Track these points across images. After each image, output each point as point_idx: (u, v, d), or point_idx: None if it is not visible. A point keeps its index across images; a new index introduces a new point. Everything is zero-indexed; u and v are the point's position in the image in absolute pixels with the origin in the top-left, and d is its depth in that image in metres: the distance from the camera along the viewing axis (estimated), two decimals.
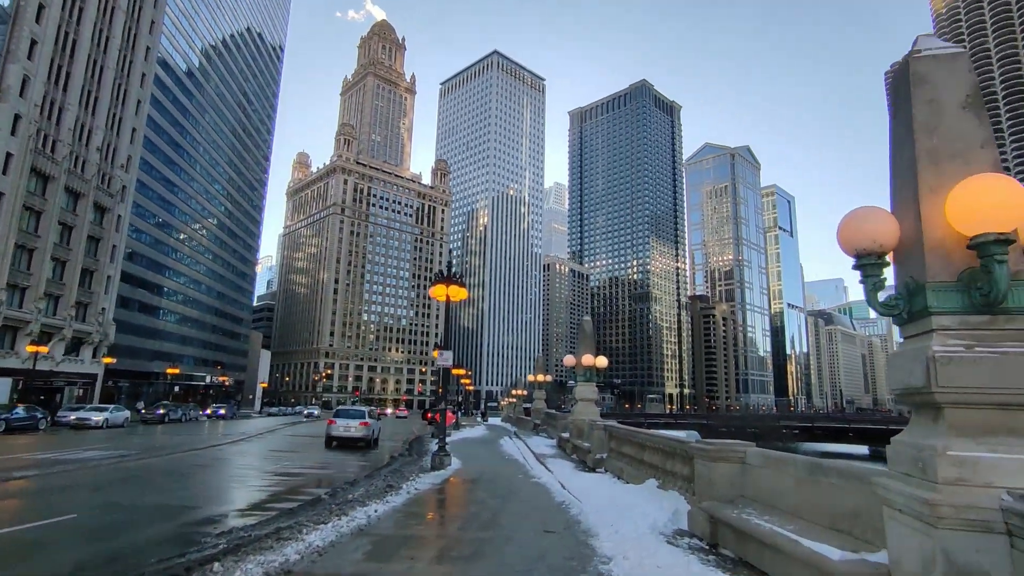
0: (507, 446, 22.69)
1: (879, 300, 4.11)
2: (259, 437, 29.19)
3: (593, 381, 18.21)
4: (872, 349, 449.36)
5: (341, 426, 23.43)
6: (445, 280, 15.01)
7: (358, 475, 14.25)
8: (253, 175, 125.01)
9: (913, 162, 4.02)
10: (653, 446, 10.40)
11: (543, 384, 33.43)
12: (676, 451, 9.01)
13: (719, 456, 6.88)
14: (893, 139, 4.51)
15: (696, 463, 7.39)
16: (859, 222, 4.10)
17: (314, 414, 71.23)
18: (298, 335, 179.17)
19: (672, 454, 9.26)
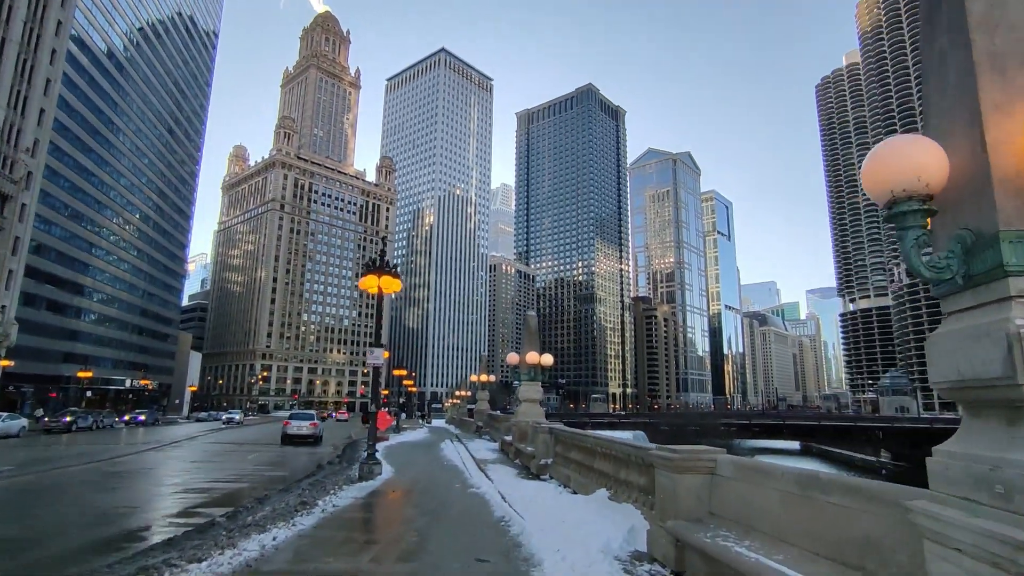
0: (447, 450, 21.23)
1: (923, 261, 3.01)
2: (175, 446, 26.51)
3: (538, 381, 17.00)
4: (802, 349, 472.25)
5: (295, 426, 29.12)
6: (377, 270, 13.46)
7: (272, 489, 12.49)
8: (184, 167, 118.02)
9: (968, 74, 2.92)
10: (604, 452, 9.35)
11: (487, 384, 31.95)
12: (631, 458, 7.93)
13: (685, 466, 5.73)
14: (930, 52, 3.42)
15: (657, 474, 6.25)
16: (896, 155, 2.96)
17: (235, 419, 60.76)
18: (233, 336, 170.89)
19: (626, 462, 8.17)
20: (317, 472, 15.04)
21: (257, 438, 32.15)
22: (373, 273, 13.33)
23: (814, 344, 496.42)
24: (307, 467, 16.86)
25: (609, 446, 9.05)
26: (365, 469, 12.74)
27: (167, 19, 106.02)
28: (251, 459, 19.94)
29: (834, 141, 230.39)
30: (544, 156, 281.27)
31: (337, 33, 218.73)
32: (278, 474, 15.42)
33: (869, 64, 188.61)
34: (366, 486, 11.67)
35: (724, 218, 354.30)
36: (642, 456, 7.35)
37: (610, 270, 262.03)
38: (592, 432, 11.54)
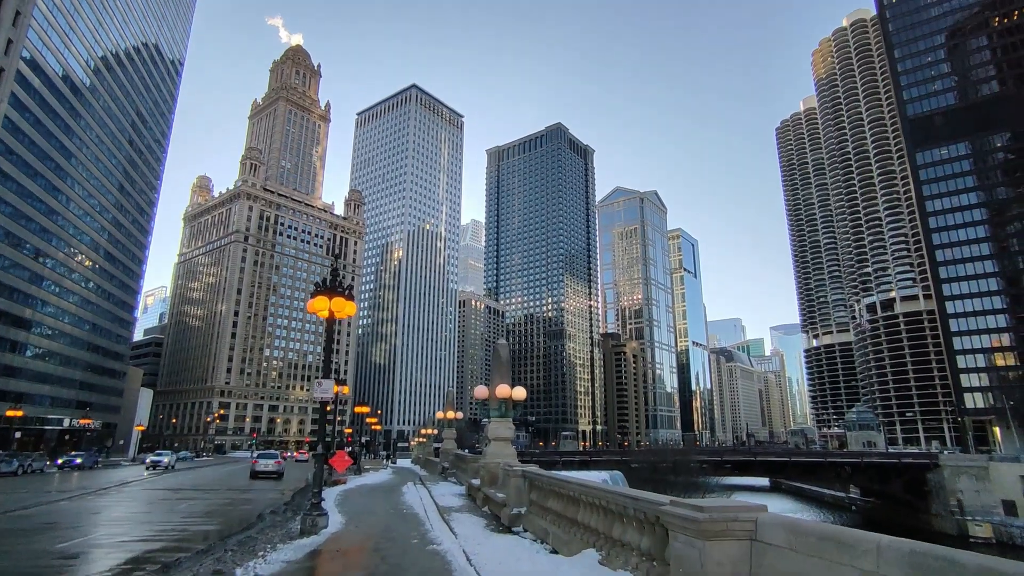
0: (409, 495, 19.10)
1: None
2: (101, 493, 23.53)
3: (509, 417, 15.05)
4: (767, 384, 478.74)
5: (262, 464, 34.71)
6: (327, 291, 11.76)
7: (192, 549, 10.33)
8: (142, 196, 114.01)
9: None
10: (592, 502, 7.68)
11: (453, 422, 29.76)
12: (629, 512, 6.27)
13: (716, 530, 4.06)
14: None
15: (673, 539, 4.61)
16: None
17: (162, 462, 51.79)
18: (190, 372, 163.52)
19: (622, 516, 6.57)
20: (255, 524, 12.85)
21: (199, 483, 29.09)
22: (323, 294, 11.61)
23: (779, 380, 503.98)
24: (245, 518, 14.61)
25: (598, 495, 7.40)
26: (308, 522, 10.70)
27: (131, 46, 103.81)
28: (182, 509, 17.36)
29: (794, 181, 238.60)
30: (514, 193, 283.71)
31: (307, 66, 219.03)
32: (207, 528, 13.15)
33: (825, 109, 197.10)
34: (306, 544, 9.68)
35: (690, 255, 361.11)
36: (645, 510, 5.75)
37: (579, 306, 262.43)
38: (573, 476, 9.89)
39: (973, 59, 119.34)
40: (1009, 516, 69.02)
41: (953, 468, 73.36)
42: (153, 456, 55.56)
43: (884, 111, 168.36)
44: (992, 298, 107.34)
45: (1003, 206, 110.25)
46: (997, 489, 71.34)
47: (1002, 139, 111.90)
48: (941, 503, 73.08)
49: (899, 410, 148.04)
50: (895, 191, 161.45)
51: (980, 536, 67.11)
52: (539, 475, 10.61)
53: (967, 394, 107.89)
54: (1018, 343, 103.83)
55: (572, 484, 8.54)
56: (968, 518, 69.60)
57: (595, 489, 7.61)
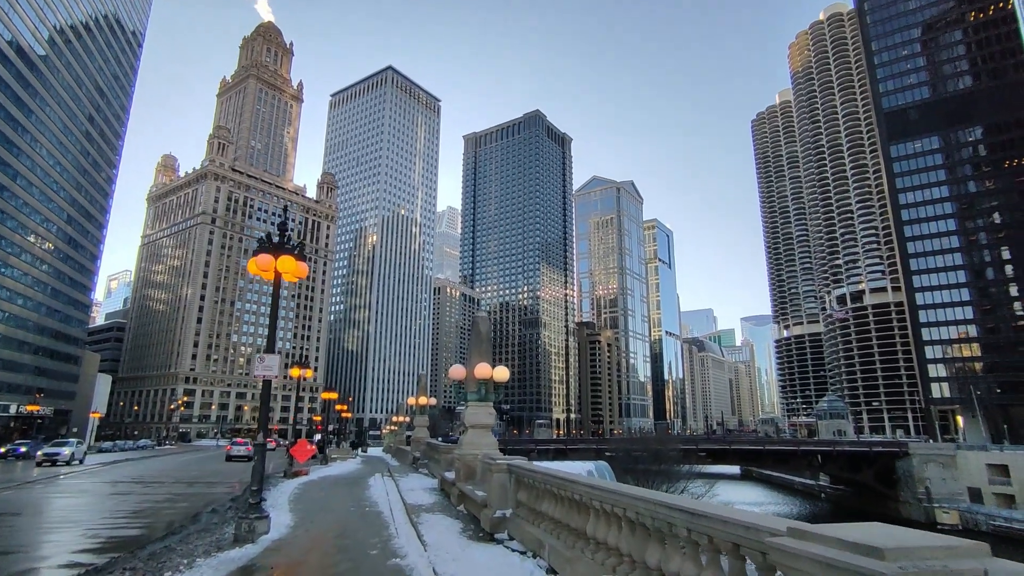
0: (375, 489, 17.17)
1: None
2: (25, 486, 21.00)
3: (490, 401, 13.21)
4: (738, 374, 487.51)
5: (235, 449, 44.84)
6: (273, 248, 9.72)
7: (85, 565, 8.21)
8: (100, 173, 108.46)
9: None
10: (613, 511, 5.60)
11: (426, 408, 27.68)
12: (680, 531, 4.28)
13: None
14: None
15: None
16: None
17: (59, 456, 38.58)
18: (154, 358, 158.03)
19: (665, 536, 4.60)
20: (183, 529, 10.76)
21: (145, 475, 26.48)
22: (268, 252, 9.55)
23: (749, 370, 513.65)
24: (177, 520, 12.49)
25: (623, 501, 5.35)
26: (243, 527, 8.67)
27: (87, 16, 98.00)
28: (108, 507, 15.01)
29: (769, 174, 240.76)
30: (491, 180, 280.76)
31: (279, 44, 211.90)
32: (125, 534, 10.98)
33: (801, 102, 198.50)
34: (234, 558, 7.70)
35: (665, 246, 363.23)
36: (737, 538, 3.62)
37: (555, 295, 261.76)
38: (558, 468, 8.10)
39: (948, 53, 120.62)
40: (974, 503, 70.27)
41: (922, 456, 74.32)
42: (48, 448, 40.33)
43: (858, 105, 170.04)
44: (960, 290, 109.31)
45: (973, 200, 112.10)
46: (963, 477, 72.52)
47: (974, 133, 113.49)
48: (910, 491, 74.04)
49: (866, 399, 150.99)
50: (867, 184, 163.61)
51: (947, 523, 68.12)
52: (530, 471, 8.53)
53: (933, 384, 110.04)
54: (984, 334, 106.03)
55: (579, 484, 6.51)
56: (935, 505, 70.60)
57: (616, 493, 5.53)
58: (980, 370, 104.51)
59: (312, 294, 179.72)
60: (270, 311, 9.86)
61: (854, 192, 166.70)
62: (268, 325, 9.92)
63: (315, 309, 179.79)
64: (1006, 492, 68.50)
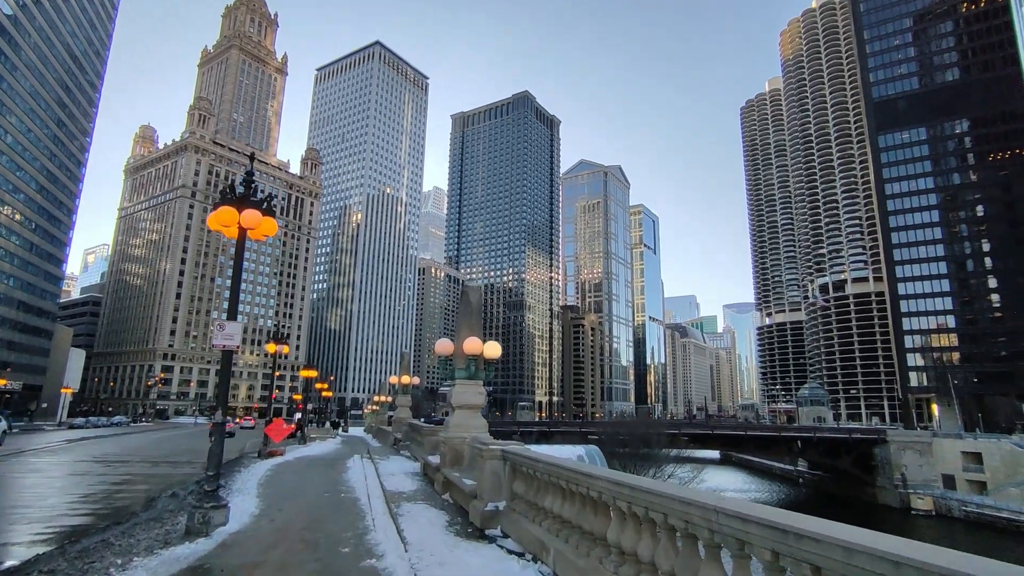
0: (352, 473, 16.20)
1: None
2: None
3: (480, 379, 12.10)
4: (719, 360, 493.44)
5: None
6: (237, 201, 8.55)
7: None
8: (73, 141, 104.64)
9: None
10: (648, 514, 4.51)
11: (408, 388, 26.59)
12: (755, 550, 3.36)
13: None
14: None
15: None
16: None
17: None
18: (131, 333, 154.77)
19: (736, 556, 3.58)
20: (133, 517, 9.64)
21: (110, 453, 25.18)
22: (231, 205, 8.38)
23: (730, 356, 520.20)
24: (129, 506, 11.38)
25: (666, 503, 4.22)
26: (197, 518, 7.56)
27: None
28: (55, 488, 13.83)
29: (756, 162, 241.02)
30: (478, 160, 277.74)
31: (264, 15, 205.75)
32: (68, 523, 9.80)
33: (790, 91, 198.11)
34: (181, 555, 6.62)
35: (651, 232, 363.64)
36: None
37: (540, 278, 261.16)
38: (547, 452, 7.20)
39: (938, 44, 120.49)
40: (948, 489, 71.54)
41: (899, 443, 75.37)
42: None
43: (847, 95, 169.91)
44: (941, 281, 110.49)
45: (957, 192, 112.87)
46: (939, 464, 73.73)
47: (961, 126, 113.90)
48: (886, 477, 75.19)
49: (844, 387, 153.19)
50: (852, 175, 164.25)
51: (921, 508, 69.35)
52: (531, 459, 7.32)
53: (911, 373, 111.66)
54: (962, 325, 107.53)
55: (599, 479, 5.29)
56: (911, 491, 71.77)
57: (655, 494, 4.29)
58: (957, 360, 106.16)
59: (295, 271, 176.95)
60: (232, 271, 8.72)
61: (840, 182, 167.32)
62: (231, 289, 8.77)
63: (297, 287, 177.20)
64: (979, 479, 69.79)
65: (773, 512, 3.25)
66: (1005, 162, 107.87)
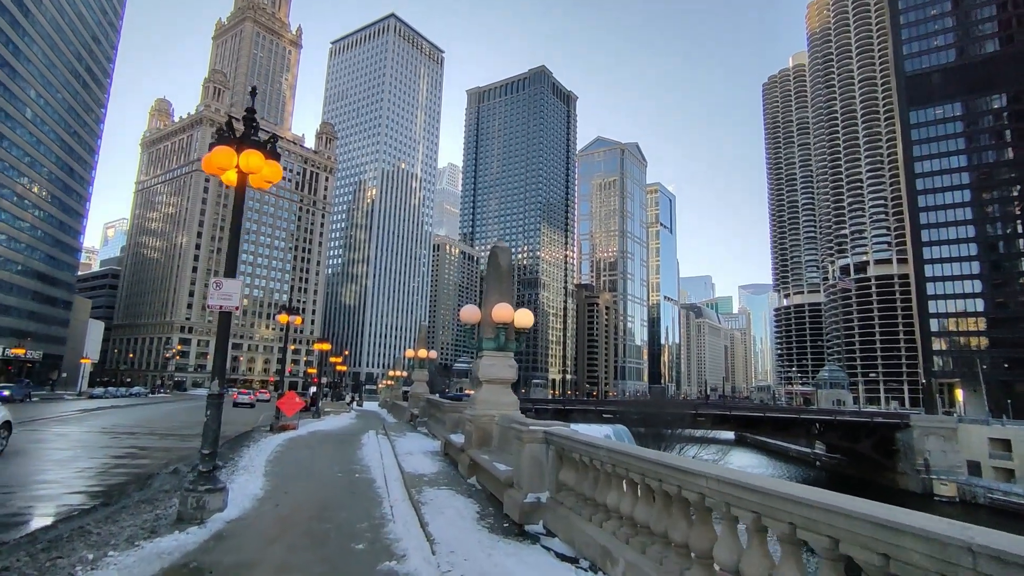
0: (368, 450, 15.25)
1: None
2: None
3: (511, 350, 10.73)
4: (733, 341, 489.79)
5: (240, 398, 50.37)
6: (237, 141, 7.33)
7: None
8: (88, 114, 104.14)
9: None
10: (779, 526, 3.23)
11: (425, 362, 25.58)
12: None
13: None
14: None
15: None
16: None
17: None
18: (149, 306, 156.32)
19: None
20: (130, 495, 8.68)
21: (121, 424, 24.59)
22: (228, 145, 7.15)
23: (744, 337, 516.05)
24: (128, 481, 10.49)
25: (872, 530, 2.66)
26: (191, 502, 6.50)
27: None
28: (50, 462, 12.91)
29: (777, 140, 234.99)
30: (494, 137, 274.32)
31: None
32: (61, 504, 8.87)
33: (816, 65, 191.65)
34: (166, 549, 5.46)
35: (667, 211, 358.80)
36: None
37: (555, 256, 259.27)
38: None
39: (978, 14, 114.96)
40: (973, 476, 69.90)
41: (923, 428, 73.63)
42: None
43: (876, 70, 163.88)
44: (970, 263, 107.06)
45: (991, 171, 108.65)
46: (964, 450, 71.96)
47: (1000, 100, 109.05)
48: (908, 462, 73.59)
49: (863, 370, 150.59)
50: (879, 153, 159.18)
51: (945, 495, 67.81)
52: (586, 444, 5.85)
53: (936, 357, 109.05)
54: (992, 309, 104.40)
55: (702, 475, 3.90)
56: (934, 477, 70.21)
57: (827, 507, 2.91)
58: (986, 344, 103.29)
59: (310, 246, 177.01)
60: (230, 224, 7.52)
61: (865, 161, 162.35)
62: (228, 243, 7.56)
63: (312, 262, 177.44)
64: (1006, 466, 67.99)
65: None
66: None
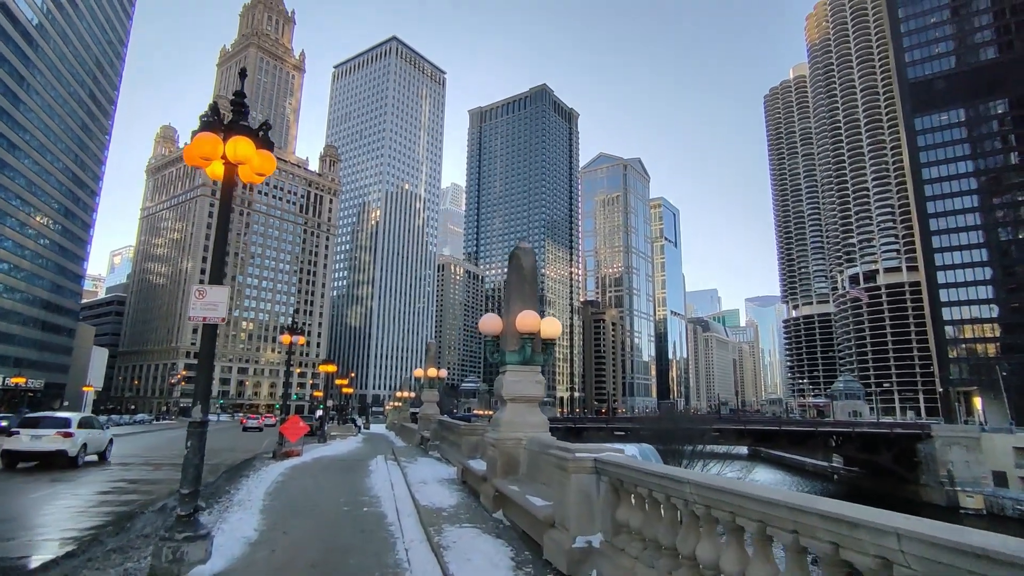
0: (376, 478, 14.03)
1: None
2: None
3: (538, 364, 9.40)
4: (741, 355, 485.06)
5: (250, 423, 52.45)
6: (225, 127, 6.34)
7: None
8: (92, 140, 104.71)
9: None
10: None
11: (435, 381, 24.26)
12: None
13: None
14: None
15: None
16: None
17: None
18: (154, 332, 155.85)
19: None
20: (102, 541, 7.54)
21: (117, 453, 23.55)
22: (212, 131, 6.15)
23: (753, 350, 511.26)
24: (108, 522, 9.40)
25: None
26: (166, 554, 5.38)
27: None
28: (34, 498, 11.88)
29: (781, 151, 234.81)
30: (496, 156, 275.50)
31: (281, 12, 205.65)
32: (20, 554, 7.71)
33: (817, 76, 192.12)
34: None
35: (671, 225, 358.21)
36: None
37: (560, 273, 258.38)
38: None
39: (978, 21, 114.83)
40: (999, 487, 67.61)
41: (945, 439, 71.53)
42: None
43: (877, 78, 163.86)
44: (984, 269, 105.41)
45: (999, 175, 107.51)
46: (988, 460, 69.72)
47: (1004, 105, 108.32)
48: (931, 474, 71.36)
49: (877, 381, 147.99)
50: (884, 161, 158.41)
51: (971, 508, 65.57)
52: (663, 478, 4.55)
53: (952, 365, 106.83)
54: (1007, 314, 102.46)
55: (897, 530, 2.54)
56: (959, 489, 67.97)
57: None
58: (1002, 351, 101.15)
59: (315, 269, 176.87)
60: (216, 221, 6.49)
61: (870, 169, 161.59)
62: (214, 245, 6.48)
63: (318, 284, 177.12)
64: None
65: None
66: None
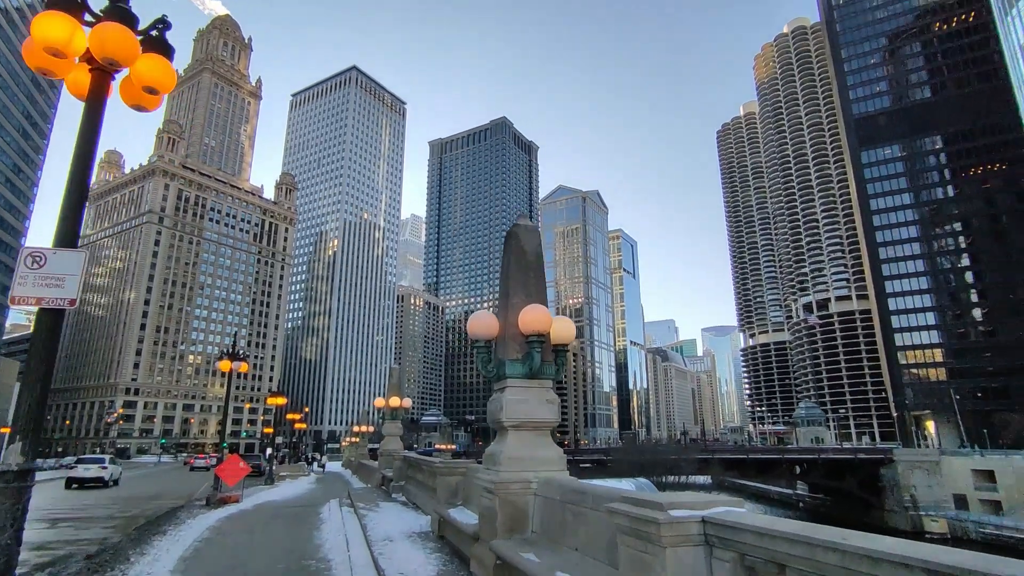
0: (328, 532, 11.38)
1: None
2: None
3: (549, 377, 7.14)
4: (700, 384, 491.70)
5: (198, 463, 52.93)
6: (84, 8, 4.24)
7: None
8: (26, 162, 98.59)
9: None
10: None
11: (398, 412, 21.32)
12: None
13: None
14: None
15: None
16: None
17: None
18: (90, 367, 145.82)
19: None
20: None
21: None
22: (67, 11, 4.05)
23: (711, 379, 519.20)
24: None
25: None
26: None
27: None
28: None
29: (734, 184, 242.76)
30: (456, 187, 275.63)
31: (237, 39, 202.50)
32: None
33: (766, 112, 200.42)
34: None
35: (630, 256, 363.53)
36: None
37: None
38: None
39: (914, 63, 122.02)
40: (960, 510, 68.08)
41: (907, 463, 72.04)
42: None
43: (823, 116, 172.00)
44: (930, 295, 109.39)
45: (940, 206, 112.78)
46: (949, 483, 70.38)
47: (939, 141, 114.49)
48: (895, 499, 71.52)
49: (833, 407, 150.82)
50: (831, 194, 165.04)
51: (936, 532, 65.60)
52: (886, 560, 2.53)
53: (907, 389, 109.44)
54: (953, 340, 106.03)
55: None
56: (922, 513, 68.18)
57: None
58: (950, 375, 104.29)
59: (268, 299, 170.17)
60: (75, 145, 4.30)
61: (819, 201, 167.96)
62: (68, 180, 4.25)
63: (271, 316, 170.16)
64: (993, 498, 66.41)
65: None
66: (982, 176, 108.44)
